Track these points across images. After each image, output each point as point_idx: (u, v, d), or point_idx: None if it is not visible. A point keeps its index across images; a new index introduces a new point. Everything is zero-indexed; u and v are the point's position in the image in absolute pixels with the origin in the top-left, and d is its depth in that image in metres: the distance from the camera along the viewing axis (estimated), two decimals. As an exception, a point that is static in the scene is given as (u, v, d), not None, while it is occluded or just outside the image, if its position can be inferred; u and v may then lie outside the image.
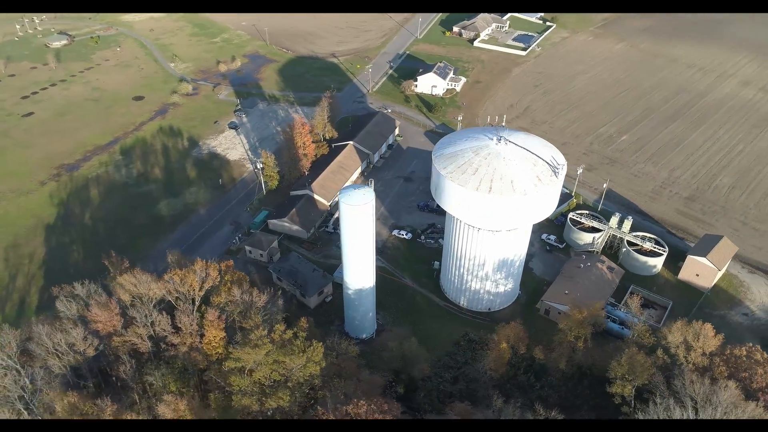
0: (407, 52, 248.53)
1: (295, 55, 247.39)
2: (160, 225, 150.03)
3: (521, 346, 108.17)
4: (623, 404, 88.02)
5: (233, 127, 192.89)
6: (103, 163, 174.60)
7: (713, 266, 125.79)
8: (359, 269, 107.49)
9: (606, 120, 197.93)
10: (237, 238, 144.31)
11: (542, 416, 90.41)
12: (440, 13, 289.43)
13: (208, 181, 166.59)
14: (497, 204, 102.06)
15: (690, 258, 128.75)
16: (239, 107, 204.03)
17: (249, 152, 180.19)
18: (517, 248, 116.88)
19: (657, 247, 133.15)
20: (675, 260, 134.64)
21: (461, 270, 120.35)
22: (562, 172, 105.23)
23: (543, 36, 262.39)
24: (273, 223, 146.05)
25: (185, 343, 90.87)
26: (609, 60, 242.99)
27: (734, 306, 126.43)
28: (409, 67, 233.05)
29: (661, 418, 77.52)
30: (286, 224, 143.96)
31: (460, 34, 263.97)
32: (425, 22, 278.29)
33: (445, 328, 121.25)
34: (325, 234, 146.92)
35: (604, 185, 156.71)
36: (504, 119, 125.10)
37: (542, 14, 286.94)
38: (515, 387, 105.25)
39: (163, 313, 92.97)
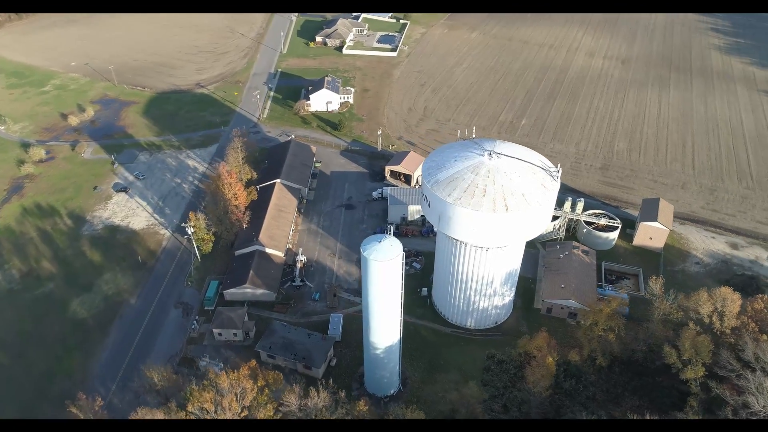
0: (279, 70, 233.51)
1: (155, 92, 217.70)
2: (85, 332, 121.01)
3: (554, 353, 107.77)
4: (688, 388, 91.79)
5: (121, 189, 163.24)
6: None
7: (664, 228, 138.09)
8: (387, 327, 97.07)
9: (500, 107, 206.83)
10: (194, 321, 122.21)
11: (603, 416, 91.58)
12: (295, 24, 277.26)
13: (122, 262, 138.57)
14: (515, 221, 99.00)
15: (642, 225, 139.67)
16: (115, 161, 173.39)
17: (156, 215, 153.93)
18: (518, 256, 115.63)
19: (611, 221, 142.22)
20: (622, 229, 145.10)
21: (468, 293, 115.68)
22: (559, 175, 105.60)
23: (404, 34, 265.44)
24: (231, 293, 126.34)
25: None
26: (474, 49, 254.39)
27: (686, 258, 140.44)
28: (290, 86, 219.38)
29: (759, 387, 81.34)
30: (248, 290, 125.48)
31: (325, 43, 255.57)
32: (284, 35, 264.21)
33: (465, 356, 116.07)
34: (292, 289, 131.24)
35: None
36: (474, 131, 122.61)
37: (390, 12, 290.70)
38: (564, 396, 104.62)
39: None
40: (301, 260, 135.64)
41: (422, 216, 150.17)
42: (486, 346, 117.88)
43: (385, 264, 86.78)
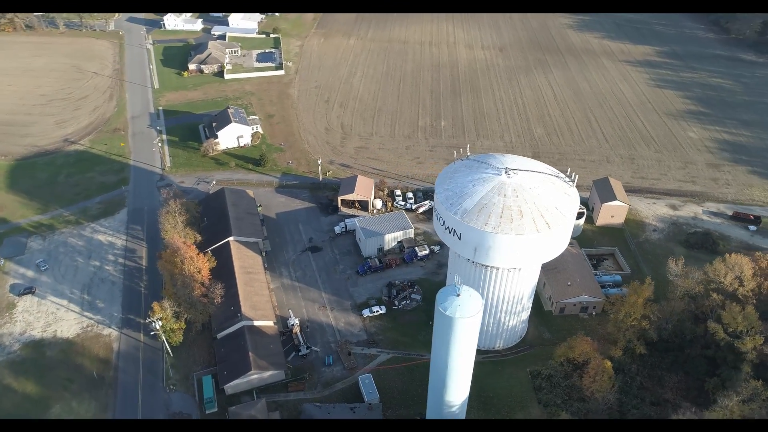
0: (160, 108, 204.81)
1: (12, 159, 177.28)
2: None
3: (597, 354, 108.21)
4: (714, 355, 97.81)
5: (25, 290, 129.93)
6: None
7: (624, 204, 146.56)
8: (464, 382, 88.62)
9: (414, 112, 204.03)
10: None
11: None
12: (155, 53, 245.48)
13: (71, 385, 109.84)
14: (558, 236, 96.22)
15: (604, 205, 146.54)
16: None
17: (88, 313, 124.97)
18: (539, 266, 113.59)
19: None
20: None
21: (498, 315, 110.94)
22: (575, 181, 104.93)
23: (281, 49, 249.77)
24: (233, 385, 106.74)
25: None
26: (359, 56, 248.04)
27: (644, 228, 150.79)
28: (182, 125, 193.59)
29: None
30: (255, 377, 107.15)
31: (201, 71, 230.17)
32: (149, 67, 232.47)
33: (509, 379, 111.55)
34: (297, 360, 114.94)
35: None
36: (468, 148, 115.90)
37: (256, 27, 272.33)
38: (620, 393, 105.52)
39: None
40: (296, 324, 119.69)
41: (399, 243, 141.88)
42: (523, 363, 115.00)
43: (472, 320, 78.27)
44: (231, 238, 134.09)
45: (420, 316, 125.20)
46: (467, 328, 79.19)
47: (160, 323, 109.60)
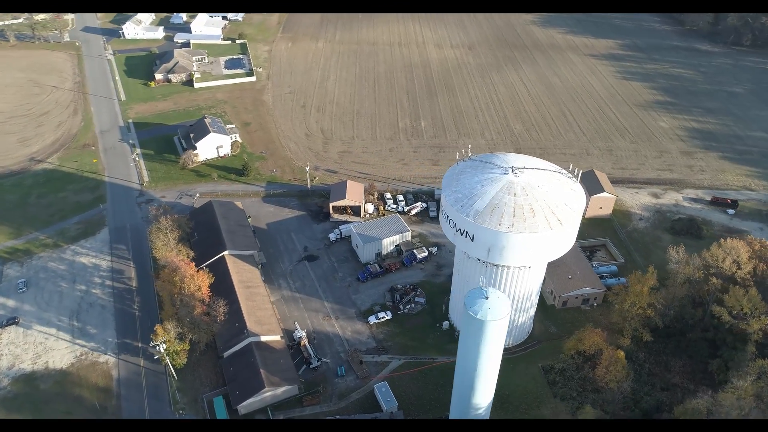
0: (131, 121, 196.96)
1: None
2: None
3: (605, 344, 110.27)
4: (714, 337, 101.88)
5: (9, 321, 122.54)
6: None
7: (612, 195, 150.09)
8: (491, 383, 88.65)
9: (392, 114, 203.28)
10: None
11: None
12: (117, 64, 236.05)
13: (72, 418, 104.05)
14: (569, 231, 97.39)
15: (593, 197, 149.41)
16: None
17: (81, 341, 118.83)
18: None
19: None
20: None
21: (511, 314, 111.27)
22: (578, 177, 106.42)
23: (250, 55, 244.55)
24: (247, 404, 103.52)
25: None
26: (330, 59, 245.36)
27: (630, 217, 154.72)
28: (156, 137, 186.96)
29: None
30: (268, 394, 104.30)
31: (168, 80, 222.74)
32: (113, 78, 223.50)
33: (523, 376, 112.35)
34: (308, 374, 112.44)
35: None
36: (469, 149, 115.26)
37: (221, 34, 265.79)
38: (634, 381, 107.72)
39: None
40: (303, 336, 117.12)
41: (397, 246, 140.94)
42: (533, 358, 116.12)
43: (502, 322, 78.27)
44: (226, 253, 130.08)
45: (426, 319, 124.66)
46: (497, 330, 79.27)
47: (164, 346, 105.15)
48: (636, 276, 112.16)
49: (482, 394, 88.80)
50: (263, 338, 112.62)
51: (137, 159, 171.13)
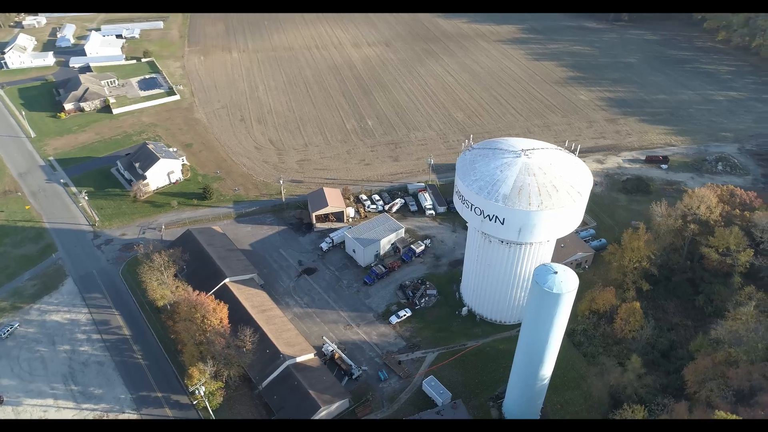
0: (51, 159, 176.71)
1: None
2: None
3: (616, 300, 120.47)
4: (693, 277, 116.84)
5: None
6: None
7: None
8: (555, 353, 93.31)
9: (337, 117, 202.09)
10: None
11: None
12: (10, 97, 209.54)
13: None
14: (584, 202, 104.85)
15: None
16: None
17: (87, 405, 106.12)
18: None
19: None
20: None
21: (527, 287, 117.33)
22: (577, 151, 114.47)
23: (162, 73, 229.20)
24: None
25: None
26: (251, 69, 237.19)
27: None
28: (89, 172, 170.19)
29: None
30: (323, 413, 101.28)
31: (81, 109, 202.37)
32: (5, 114, 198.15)
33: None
34: (351, 385, 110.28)
35: (431, 161, 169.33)
36: (471, 138, 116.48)
37: (122, 54, 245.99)
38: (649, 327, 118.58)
39: None
40: (336, 349, 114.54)
41: (393, 245, 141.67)
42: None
43: (573, 293, 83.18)
44: (227, 280, 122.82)
45: (443, 309, 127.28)
46: (569, 301, 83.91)
47: (203, 389, 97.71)
48: (629, 234, 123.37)
49: (548, 365, 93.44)
50: (299, 359, 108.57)
51: (86, 198, 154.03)
